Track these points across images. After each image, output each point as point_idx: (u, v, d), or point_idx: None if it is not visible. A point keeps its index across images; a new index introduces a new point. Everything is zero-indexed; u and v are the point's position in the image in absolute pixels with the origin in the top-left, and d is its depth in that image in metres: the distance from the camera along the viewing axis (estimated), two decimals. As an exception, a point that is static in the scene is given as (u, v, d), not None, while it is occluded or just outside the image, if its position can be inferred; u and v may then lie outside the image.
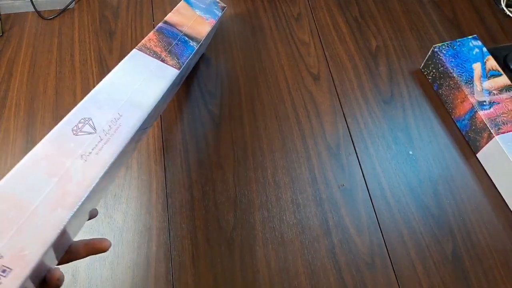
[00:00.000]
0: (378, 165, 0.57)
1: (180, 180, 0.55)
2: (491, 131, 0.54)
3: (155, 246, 0.50)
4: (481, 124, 0.55)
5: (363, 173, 0.56)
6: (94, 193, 0.34)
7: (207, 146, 0.57)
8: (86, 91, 0.61)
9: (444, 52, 0.61)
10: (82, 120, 0.36)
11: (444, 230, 0.52)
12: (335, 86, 0.63)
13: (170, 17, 0.52)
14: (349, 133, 0.59)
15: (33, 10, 0.68)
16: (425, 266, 0.50)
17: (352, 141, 0.59)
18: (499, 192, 0.55)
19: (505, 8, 0.72)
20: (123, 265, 0.49)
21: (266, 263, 0.50)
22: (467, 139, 0.59)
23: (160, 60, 0.45)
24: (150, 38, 0.47)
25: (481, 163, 0.57)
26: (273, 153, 0.57)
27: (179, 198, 0.53)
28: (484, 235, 0.52)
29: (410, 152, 0.58)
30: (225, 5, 0.59)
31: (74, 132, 0.35)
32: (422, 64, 0.65)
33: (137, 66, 0.43)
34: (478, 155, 0.57)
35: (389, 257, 0.51)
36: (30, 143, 0.56)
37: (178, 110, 0.60)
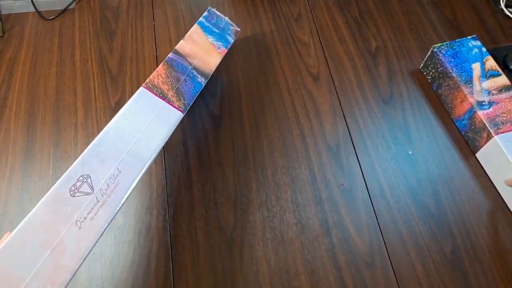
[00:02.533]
0: (378, 165, 0.57)
1: (180, 180, 0.55)
2: (490, 131, 0.54)
3: (155, 246, 0.50)
4: (480, 124, 0.55)
5: (362, 173, 0.56)
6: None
7: (207, 146, 0.57)
8: (86, 91, 0.61)
9: (444, 52, 0.61)
10: (81, 178, 0.36)
11: (444, 230, 0.53)
12: (334, 86, 0.63)
13: (182, 46, 0.50)
14: (349, 133, 0.59)
15: (34, 10, 0.69)
16: (425, 266, 0.50)
17: (352, 141, 0.59)
18: (499, 192, 0.55)
19: (504, 9, 0.72)
20: (124, 265, 0.49)
21: (266, 263, 0.50)
22: (466, 139, 0.59)
23: (166, 101, 0.44)
24: (159, 72, 0.46)
25: (480, 162, 0.57)
26: (273, 153, 0.57)
27: (179, 198, 0.53)
28: (483, 235, 0.52)
29: (410, 152, 0.58)
30: (238, 29, 0.58)
31: (72, 192, 0.35)
32: (422, 64, 0.65)
33: (143, 108, 0.43)
34: (477, 154, 0.57)
35: (389, 256, 0.51)
36: (30, 143, 0.56)
37: (178, 110, 0.60)
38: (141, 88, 0.44)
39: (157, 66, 0.57)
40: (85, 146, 0.56)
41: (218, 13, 0.57)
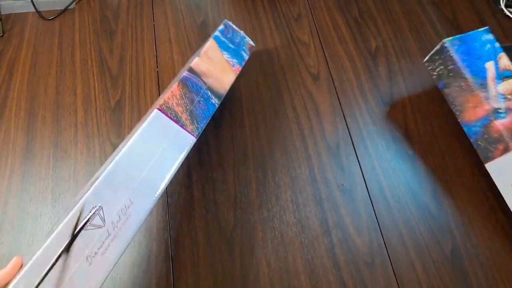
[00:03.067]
0: (378, 165, 0.57)
1: (180, 180, 0.55)
2: (509, 144, 0.49)
3: (156, 246, 0.50)
4: (497, 135, 0.51)
5: (362, 173, 0.56)
6: None
7: (207, 146, 0.57)
8: (86, 91, 0.61)
9: (456, 48, 0.55)
10: (93, 210, 0.35)
11: (444, 230, 0.53)
12: (334, 86, 0.64)
13: (198, 64, 0.49)
14: (349, 133, 0.59)
15: (34, 10, 0.69)
16: (425, 266, 0.50)
17: (352, 141, 0.59)
18: (499, 192, 0.55)
19: (504, 9, 0.72)
20: (124, 265, 0.49)
21: (266, 263, 0.50)
22: (476, 146, 0.54)
23: (180, 125, 0.43)
24: (174, 93, 0.45)
25: (490, 173, 0.53)
26: (273, 153, 0.57)
27: (179, 198, 0.53)
28: (483, 235, 0.52)
29: (410, 152, 0.58)
30: (253, 45, 0.57)
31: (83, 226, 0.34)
32: (427, 58, 0.59)
33: (157, 133, 0.41)
34: (487, 165, 0.53)
35: (389, 256, 0.51)
36: (30, 143, 0.57)
37: (178, 110, 0.60)
38: (155, 110, 0.43)
39: (157, 67, 0.57)
40: (85, 146, 0.56)
41: (234, 26, 0.56)
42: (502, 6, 0.72)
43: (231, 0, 0.72)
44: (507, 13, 0.71)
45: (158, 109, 0.42)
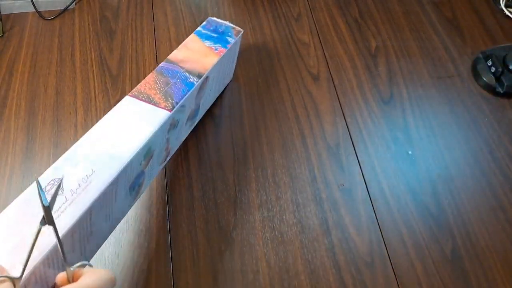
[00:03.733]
0: (378, 165, 0.57)
1: (180, 180, 0.55)
2: None
3: (155, 246, 0.50)
4: None
5: (362, 173, 0.56)
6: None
7: (207, 146, 0.57)
8: (86, 91, 0.61)
9: None
10: (52, 182, 0.37)
11: (444, 229, 0.53)
12: (334, 86, 0.64)
13: (174, 54, 0.49)
14: (349, 133, 0.59)
15: (34, 10, 0.68)
16: (425, 266, 0.50)
17: (352, 141, 0.59)
18: (499, 191, 0.55)
19: (504, 9, 0.72)
20: (124, 265, 0.49)
21: (266, 263, 0.50)
22: None
23: (152, 104, 0.44)
24: (147, 81, 0.46)
25: None
26: (273, 153, 0.57)
27: (179, 198, 0.53)
28: (483, 235, 0.52)
29: (410, 152, 0.58)
30: (241, 30, 0.56)
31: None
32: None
33: (126, 113, 0.43)
34: None
35: (389, 256, 0.51)
36: (30, 142, 0.56)
37: (178, 110, 0.60)
38: (126, 96, 0.44)
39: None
40: (85, 146, 0.56)
41: (218, 20, 0.56)
42: (502, 6, 0.72)
43: (231, 0, 0.72)
44: (507, 13, 0.71)
45: (129, 95, 0.45)
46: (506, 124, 0.61)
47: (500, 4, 0.72)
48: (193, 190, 0.54)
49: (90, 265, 0.33)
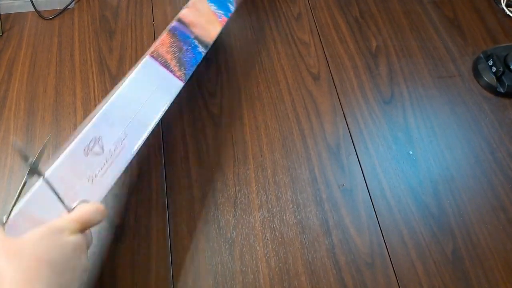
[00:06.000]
0: (378, 165, 0.57)
1: (180, 180, 0.55)
2: None
3: (155, 246, 0.50)
4: None
5: (363, 173, 0.56)
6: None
7: (207, 146, 0.57)
8: (86, 90, 0.61)
9: None
10: (93, 139, 0.41)
11: (445, 230, 0.52)
12: (335, 86, 0.63)
13: (185, 15, 0.52)
14: (349, 133, 0.59)
15: (33, 10, 0.68)
16: (425, 266, 0.50)
17: (352, 141, 0.59)
18: (500, 192, 0.55)
19: (505, 8, 0.72)
20: (123, 265, 0.49)
21: (266, 263, 0.50)
22: None
23: (169, 71, 0.48)
24: (163, 41, 0.49)
25: None
26: (273, 153, 0.57)
27: (179, 198, 0.53)
28: (484, 235, 0.52)
29: (410, 152, 0.58)
30: None
31: (85, 153, 0.40)
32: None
33: (148, 77, 0.46)
34: None
35: (389, 257, 0.51)
36: (30, 142, 0.56)
37: (178, 110, 0.60)
38: (147, 57, 0.47)
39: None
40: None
41: None
42: (503, 5, 0.72)
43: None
44: (508, 12, 0.71)
45: (150, 55, 0.47)
46: (507, 124, 0.61)
47: (501, 4, 0.72)
48: (193, 190, 0.54)
49: (86, 201, 0.39)
